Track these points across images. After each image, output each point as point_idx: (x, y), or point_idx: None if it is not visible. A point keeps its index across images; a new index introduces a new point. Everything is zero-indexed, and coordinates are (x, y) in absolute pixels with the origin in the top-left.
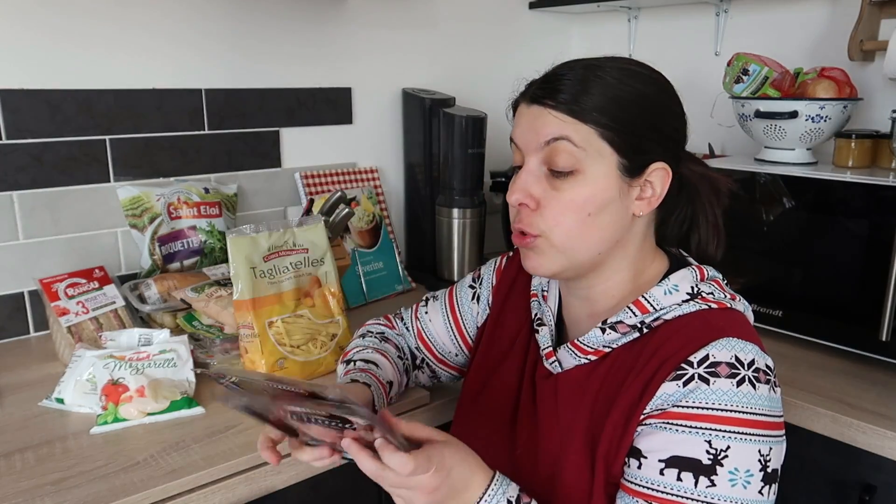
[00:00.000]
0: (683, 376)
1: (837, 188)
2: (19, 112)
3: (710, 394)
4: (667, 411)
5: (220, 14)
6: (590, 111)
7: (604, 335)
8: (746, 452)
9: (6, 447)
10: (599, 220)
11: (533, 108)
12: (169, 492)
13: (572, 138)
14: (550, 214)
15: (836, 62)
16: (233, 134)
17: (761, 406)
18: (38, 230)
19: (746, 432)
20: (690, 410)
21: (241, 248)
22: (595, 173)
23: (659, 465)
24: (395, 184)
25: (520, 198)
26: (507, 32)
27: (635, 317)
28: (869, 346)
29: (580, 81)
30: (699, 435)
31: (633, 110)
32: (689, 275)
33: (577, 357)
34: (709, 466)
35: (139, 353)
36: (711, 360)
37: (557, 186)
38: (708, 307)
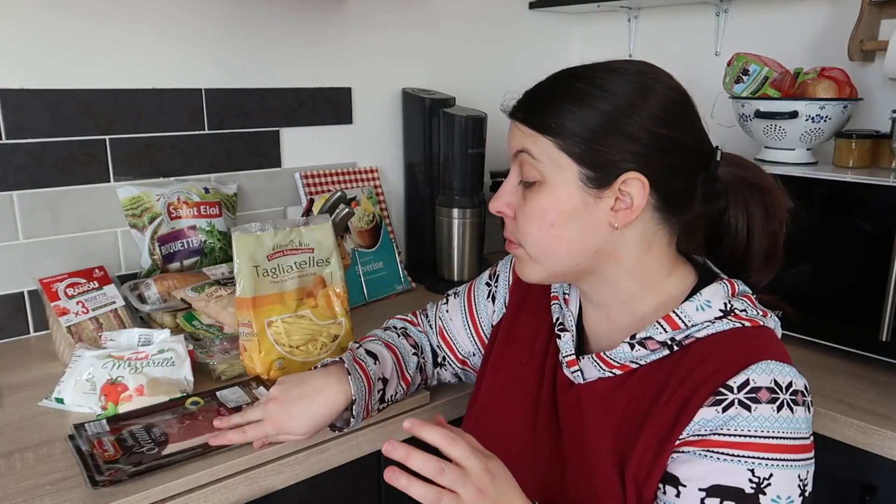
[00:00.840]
0: (723, 402)
1: (837, 188)
2: (19, 112)
3: (752, 421)
4: (707, 439)
5: (221, 14)
6: (547, 123)
7: (632, 351)
8: (788, 479)
9: (6, 447)
10: (565, 231)
11: (510, 123)
12: (169, 492)
13: (531, 151)
14: (520, 223)
15: (836, 62)
16: (233, 134)
17: (799, 430)
18: (38, 230)
19: (788, 458)
20: (732, 438)
21: (245, 246)
22: (557, 184)
23: (699, 493)
24: (395, 184)
25: (497, 206)
26: (507, 32)
27: (665, 333)
28: (869, 346)
29: (546, 93)
30: (742, 463)
31: (595, 120)
32: (721, 290)
33: (602, 370)
34: (752, 496)
35: (138, 353)
36: (752, 385)
37: (526, 196)
38: (742, 325)
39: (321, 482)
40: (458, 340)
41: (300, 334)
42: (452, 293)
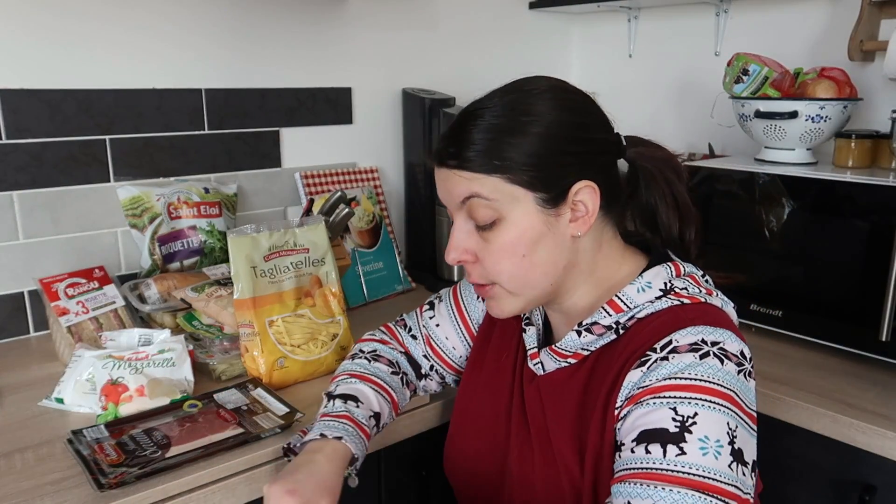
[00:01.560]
0: (646, 362)
1: (837, 188)
2: (19, 112)
3: (671, 367)
4: (632, 396)
5: (221, 14)
6: (489, 162)
7: (580, 338)
8: (715, 421)
9: (6, 447)
10: (536, 258)
11: (441, 171)
12: (169, 492)
13: (482, 193)
14: (488, 265)
15: (836, 62)
16: (233, 134)
17: (729, 381)
18: (38, 230)
19: (713, 401)
20: (651, 385)
21: (241, 248)
22: (515, 216)
23: (630, 444)
24: (395, 184)
25: (457, 256)
26: (507, 32)
27: (610, 317)
28: (869, 346)
29: (478, 132)
30: (663, 404)
31: (536, 144)
32: (664, 271)
33: (557, 361)
34: (676, 434)
35: (138, 353)
36: (674, 344)
37: (486, 238)
38: (680, 302)
39: None
40: (447, 346)
41: (301, 333)
42: (436, 298)
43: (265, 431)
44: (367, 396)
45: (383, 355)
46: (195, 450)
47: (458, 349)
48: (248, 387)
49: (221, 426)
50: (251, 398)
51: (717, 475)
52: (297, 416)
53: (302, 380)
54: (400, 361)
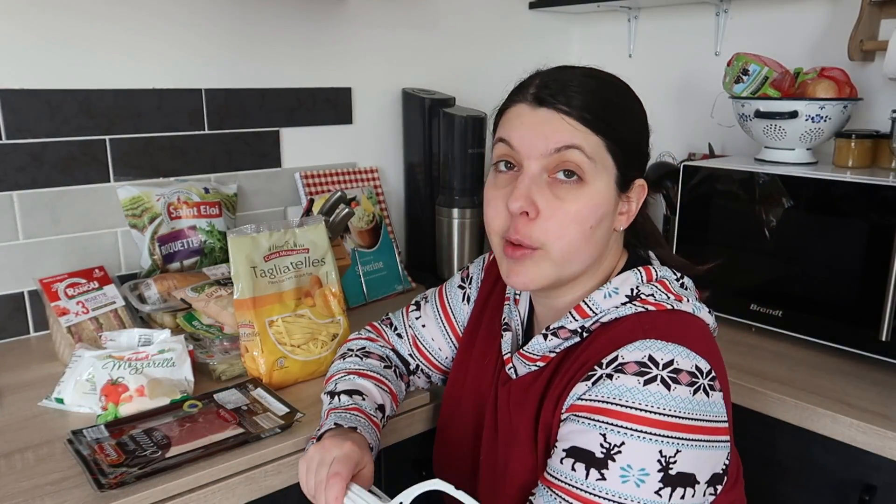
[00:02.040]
0: (592, 377)
1: (837, 188)
2: (19, 112)
3: (613, 388)
4: (573, 405)
5: (221, 14)
6: (601, 122)
7: (546, 341)
8: (643, 451)
9: (6, 447)
10: (596, 234)
11: (541, 112)
12: (169, 492)
13: (584, 148)
14: (553, 225)
15: (836, 62)
16: (233, 134)
17: (674, 408)
18: (38, 230)
19: (644, 430)
20: (590, 403)
21: (241, 248)
22: (598, 185)
23: (561, 454)
24: (395, 184)
25: (523, 205)
26: (507, 32)
27: (575, 322)
28: (869, 346)
29: (590, 91)
30: (595, 428)
31: (630, 125)
32: (632, 277)
33: (526, 365)
34: (601, 460)
35: (138, 353)
36: (620, 360)
37: (561, 196)
38: (644, 309)
39: None
40: (433, 346)
41: (301, 333)
42: (422, 299)
43: (265, 431)
44: (369, 390)
45: (373, 352)
46: (195, 450)
47: (443, 350)
48: (248, 387)
49: (221, 426)
50: (251, 398)
51: (636, 501)
52: (297, 416)
53: (302, 380)
54: (390, 356)
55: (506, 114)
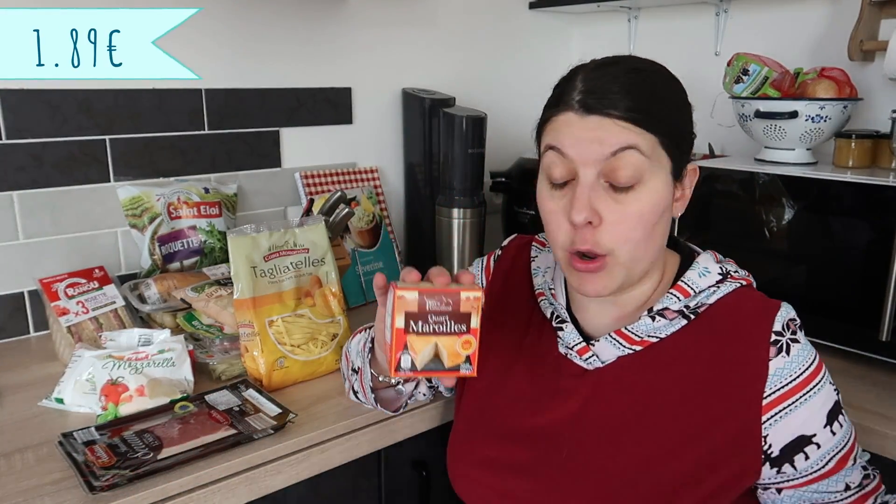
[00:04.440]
0: (782, 347)
1: (837, 188)
2: (19, 112)
3: (802, 350)
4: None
5: (221, 14)
6: (651, 119)
7: (653, 323)
8: (829, 389)
9: (6, 447)
10: (657, 231)
11: (591, 119)
12: (169, 492)
13: (641, 147)
14: (619, 230)
15: (836, 62)
16: (233, 134)
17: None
18: (38, 230)
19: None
20: (808, 371)
21: (241, 248)
22: (656, 183)
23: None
24: (395, 184)
25: (588, 216)
26: (507, 32)
27: (679, 301)
28: (869, 346)
29: (636, 88)
30: (825, 383)
31: (678, 115)
32: (710, 257)
33: (621, 347)
34: (837, 401)
35: (138, 353)
36: (787, 321)
37: (620, 200)
38: (741, 285)
39: (321, 482)
40: None
41: (300, 333)
42: None
43: (257, 432)
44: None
45: None
46: (187, 451)
47: None
48: (239, 388)
49: (214, 427)
50: (243, 399)
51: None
52: (289, 417)
53: (302, 380)
54: None
55: (552, 122)
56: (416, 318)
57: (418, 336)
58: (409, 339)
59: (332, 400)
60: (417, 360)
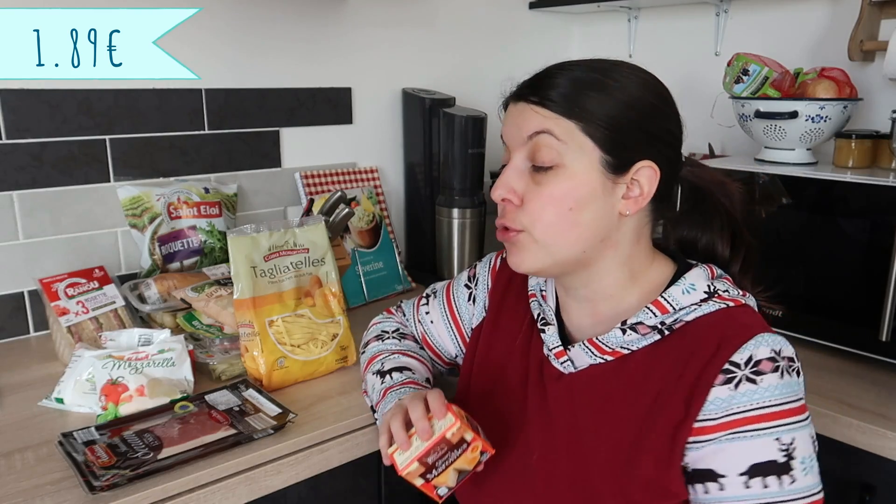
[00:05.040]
0: (733, 379)
1: (837, 188)
2: (19, 112)
3: (764, 392)
4: (730, 422)
5: (221, 14)
6: (571, 106)
7: (624, 336)
8: (805, 439)
9: (6, 447)
10: (581, 217)
11: (518, 105)
12: (169, 492)
13: (553, 132)
14: (532, 209)
15: (836, 62)
16: (233, 134)
17: (799, 391)
18: (38, 230)
19: (799, 420)
20: (752, 413)
21: (241, 248)
22: (576, 168)
23: (741, 478)
24: (395, 184)
25: (503, 193)
26: (507, 32)
27: (655, 317)
28: (869, 346)
29: (564, 79)
30: (768, 435)
31: (616, 107)
32: (703, 273)
33: (593, 356)
34: (784, 464)
35: (137, 353)
36: (755, 358)
37: (539, 181)
38: (727, 305)
39: (321, 482)
40: (440, 342)
41: (300, 333)
42: (431, 293)
43: (257, 432)
44: (416, 367)
45: (407, 334)
46: (187, 451)
47: (448, 347)
48: (239, 387)
49: (213, 427)
50: (243, 399)
51: (816, 488)
52: (289, 417)
53: (302, 380)
54: (419, 338)
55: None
56: (427, 471)
57: (438, 476)
58: (434, 483)
59: (332, 400)
60: (447, 486)
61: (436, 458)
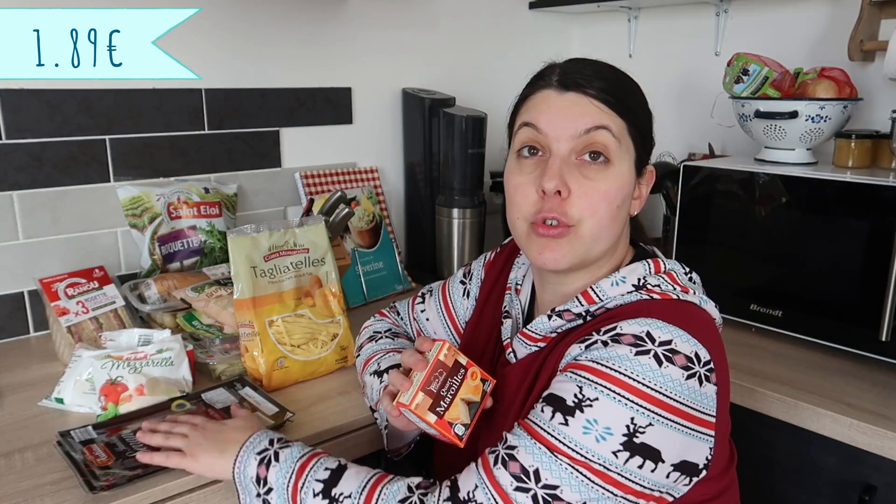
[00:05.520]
0: (587, 340)
1: (837, 188)
2: (19, 112)
3: (603, 353)
4: (564, 365)
5: (221, 14)
6: (624, 105)
7: (549, 322)
8: (614, 411)
9: (6, 447)
10: (620, 215)
11: (569, 96)
12: (169, 492)
13: (612, 129)
14: (586, 204)
15: (836, 62)
16: (233, 134)
17: (660, 384)
18: (38, 230)
19: (621, 394)
20: (578, 361)
21: (241, 248)
22: (622, 167)
23: (541, 402)
24: (395, 184)
25: (558, 184)
26: (507, 32)
27: (581, 306)
28: (869, 346)
29: (609, 77)
30: (573, 381)
31: (645, 113)
32: (641, 267)
33: (527, 345)
34: (570, 408)
35: (136, 353)
36: (617, 331)
37: (590, 176)
38: (650, 297)
39: None
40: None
41: (300, 333)
42: (427, 291)
43: None
44: None
45: (400, 332)
46: None
47: None
48: (236, 386)
49: None
50: (239, 397)
51: (590, 454)
52: (287, 416)
53: (302, 380)
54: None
55: (530, 100)
56: (436, 403)
57: (448, 409)
58: (447, 418)
59: (332, 400)
60: (462, 421)
61: (438, 386)
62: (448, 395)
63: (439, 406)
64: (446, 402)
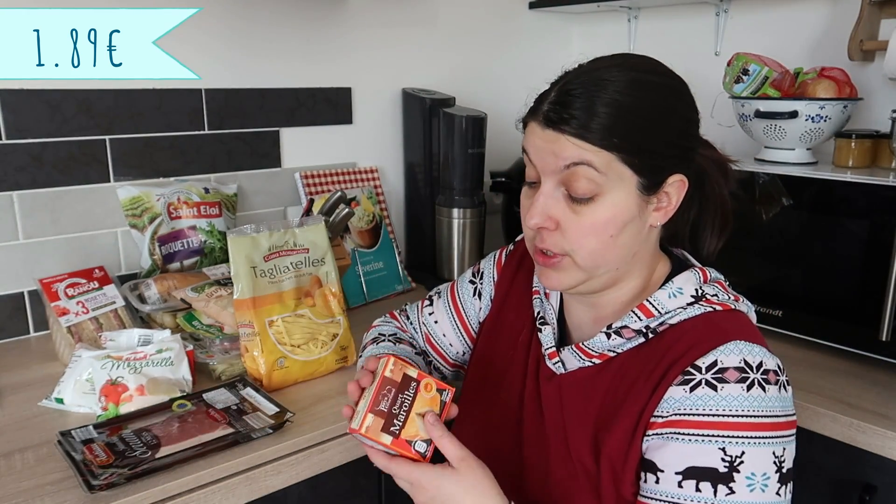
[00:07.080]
0: (691, 381)
1: (837, 188)
2: (19, 112)
3: (721, 400)
4: (677, 421)
5: (221, 14)
6: (608, 136)
7: (609, 340)
8: (761, 456)
9: (6, 447)
10: (621, 240)
11: (548, 133)
12: (169, 492)
13: (594, 164)
14: (573, 237)
15: (836, 62)
16: (233, 134)
17: (772, 407)
18: (38, 230)
19: (759, 436)
20: (701, 419)
21: (241, 248)
22: (615, 196)
23: (676, 477)
24: (395, 184)
25: (539, 222)
26: (507, 32)
27: (640, 321)
28: (869, 346)
29: (593, 102)
30: (712, 443)
31: (649, 129)
32: (693, 277)
33: (581, 360)
34: (725, 474)
35: (136, 353)
36: (720, 365)
37: (578, 210)
38: (713, 309)
39: (321, 482)
40: (445, 342)
41: (300, 333)
42: (435, 294)
43: (256, 431)
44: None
45: (403, 338)
46: (185, 450)
47: (454, 346)
48: (237, 386)
49: (212, 426)
50: (241, 398)
51: None
52: (287, 416)
53: (302, 380)
54: (418, 343)
55: (527, 125)
56: (389, 423)
57: (404, 427)
58: (402, 438)
59: (332, 400)
60: (421, 437)
61: (389, 404)
62: (401, 413)
63: (393, 425)
64: (400, 419)
